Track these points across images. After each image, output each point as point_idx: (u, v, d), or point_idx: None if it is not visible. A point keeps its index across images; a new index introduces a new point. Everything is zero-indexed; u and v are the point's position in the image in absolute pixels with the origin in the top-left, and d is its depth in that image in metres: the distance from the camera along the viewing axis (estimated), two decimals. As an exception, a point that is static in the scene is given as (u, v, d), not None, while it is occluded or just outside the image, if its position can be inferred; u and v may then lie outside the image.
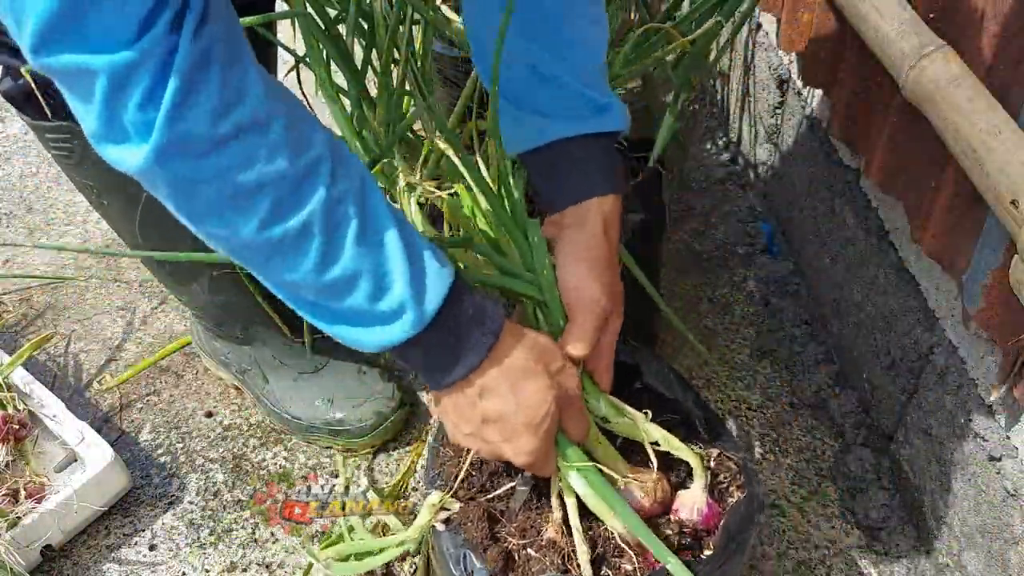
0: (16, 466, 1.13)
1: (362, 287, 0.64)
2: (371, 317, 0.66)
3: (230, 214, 0.59)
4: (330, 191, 0.61)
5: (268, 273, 0.64)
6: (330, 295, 0.64)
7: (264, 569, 1.11)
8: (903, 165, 1.00)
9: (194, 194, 0.58)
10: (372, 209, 0.64)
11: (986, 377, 0.91)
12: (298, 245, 0.61)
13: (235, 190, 0.58)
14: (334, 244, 0.62)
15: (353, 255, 0.63)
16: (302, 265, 0.62)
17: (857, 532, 1.11)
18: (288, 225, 0.60)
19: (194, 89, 0.54)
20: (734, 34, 1.49)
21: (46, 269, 1.51)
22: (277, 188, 0.59)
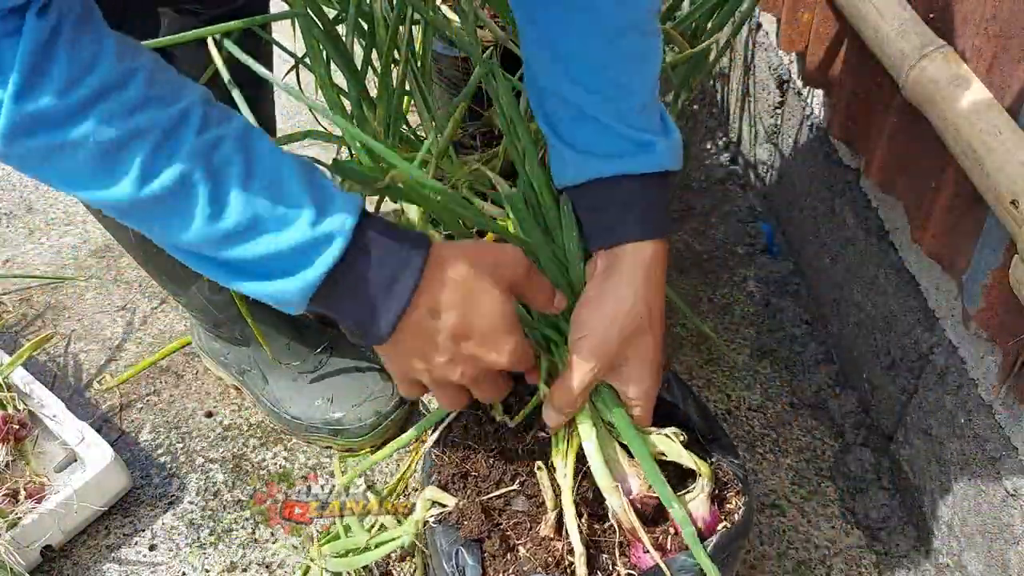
0: (16, 466, 1.13)
1: (265, 226, 0.61)
2: (286, 259, 0.62)
3: (102, 176, 0.58)
4: (202, 135, 0.59)
5: (166, 236, 0.61)
6: (234, 245, 0.61)
7: (264, 569, 1.11)
8: (903, 165, 1.00)
9: (56, 162, 0.57)
10: (258, 150, 0.62)
11: (986, 377, 0.91)
12: (183, 197, 0.59)
13: (98, 152, 0.57)
14: (220, 188, 0.60)
15: (245, 197, 0.60)
16: (193, 218, 0.59)
17: (857, 532, 1.11)
18: (164, 177, 0.58)
19: (40, 71, 0.54)
20: (734, 34, 1.49)
21: (46, 269, 1.51)
22: (144, 142, 0.57)
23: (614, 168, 0.75)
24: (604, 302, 0.76)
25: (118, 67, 0.57)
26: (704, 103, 1.74)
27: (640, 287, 0.75)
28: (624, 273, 0.76)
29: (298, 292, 0.63)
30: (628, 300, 0.75)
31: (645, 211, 0.76)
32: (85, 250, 1.54)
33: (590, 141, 0.76)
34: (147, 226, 0.62)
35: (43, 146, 0.56)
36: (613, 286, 0.76)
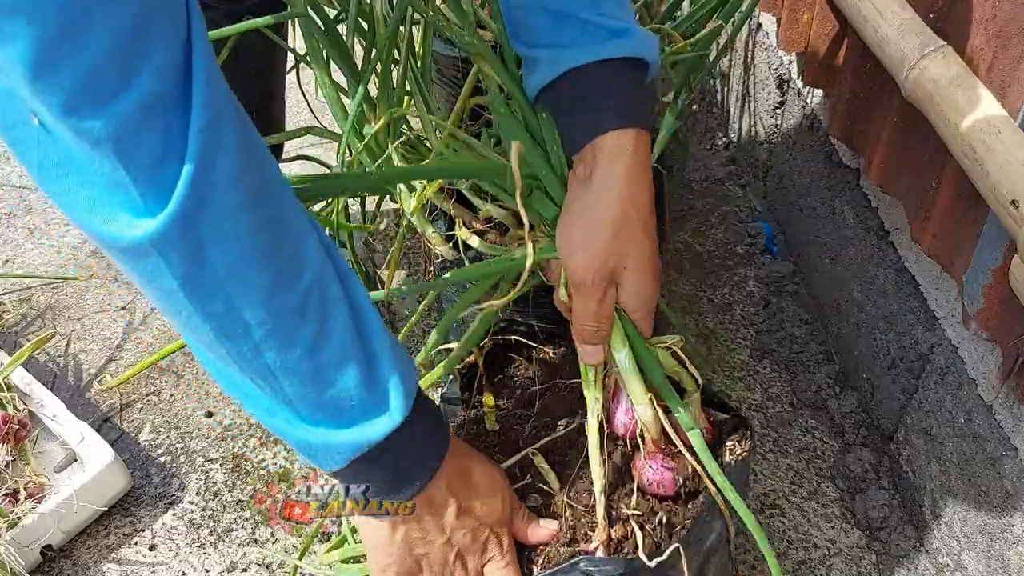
0: (16, 466, 1.13)
1: (352, 369, 0.62)
2: (352, 409, 0.64)
3: (234, 284, 0.56)
4: (323, 264, 0.60)
5: (257, 360, 0.60)
6: (318, 380, 0.62)
7: (264, 569, 1.11)
8: (903, 165, 1.00)
9: (203, 266, 0.55)
10: (355, 290, 0.63)
11: (986, 377, 0.91)
12: (296, 320, 0.59)
13: (246, 256, 0.56)
14: (328, 319, 0.60)
15: (346, 335, 0.61)
16: (298, 342, 0.60)
17: (857, 532, 1.11)
18: (289, 297, 0.58)
19: (217, 144, 0.52)
20: (734, 34, 1.49)
21: (46, 269, 1.51)
22: (280, 254, 0.57)
23: (589, 55, 0.72)
24: (590, 210, 0.72)
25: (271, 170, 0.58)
26: (704, 103, 1.74)
27: (624, 184, 0.71)
28: (606, 172, 0.71)
29: (351, 446, 0.65)
30: (614, 203, 0.71)
31: (623, 98, 0.72)
32: (85, 250, 1.54)
33: (565, 36, 0.73)
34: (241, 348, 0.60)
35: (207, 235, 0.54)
36: (596, 189, 0.71)
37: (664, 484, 0.78)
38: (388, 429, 0.64)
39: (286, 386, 0.61)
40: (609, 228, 0.71)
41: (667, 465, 0.78)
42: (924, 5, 0.90)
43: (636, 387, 0.77)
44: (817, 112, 1.28)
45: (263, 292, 0.57)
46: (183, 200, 0.51)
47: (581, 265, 0.72)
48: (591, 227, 0.72)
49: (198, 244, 0.53)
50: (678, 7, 1.16)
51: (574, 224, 0.73)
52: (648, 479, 0.78)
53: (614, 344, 0.78)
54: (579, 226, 0.72)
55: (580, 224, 0.72)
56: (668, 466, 0.78)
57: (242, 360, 0.60)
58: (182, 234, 0.53)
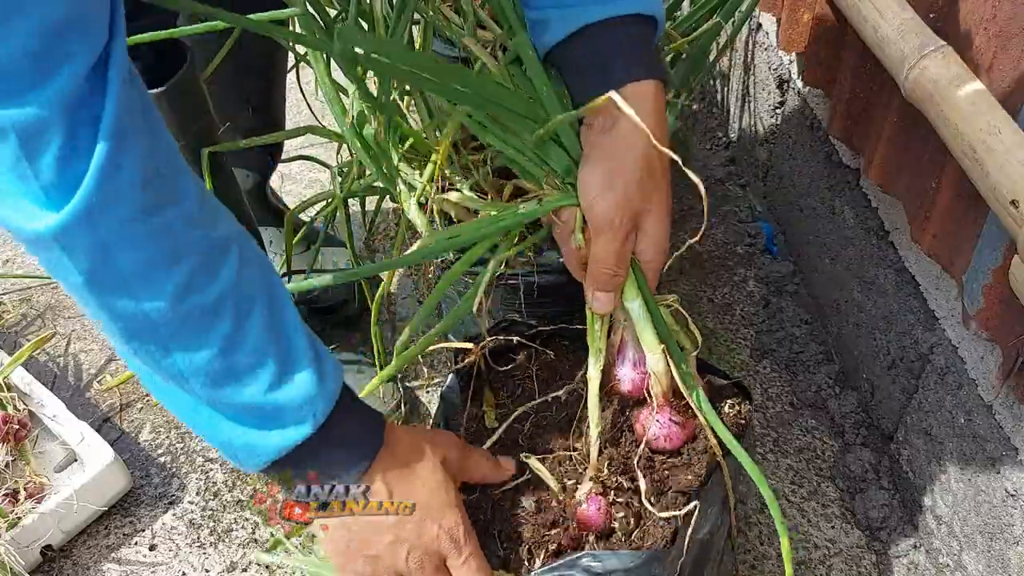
0: (16, 466, 1.13)
1: (266, 372, 0.61)
2: (273, 412, 0.63)
3: (140, 285, 0.56)
4: (241, 270, 0.59)
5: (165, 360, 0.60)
6: (230, 383, 0.61)
7: (264, 569, 1.11)
8: (903, 165, 1.00)
9: (108, 261, 0.54)
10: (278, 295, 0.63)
11: (986, 377, 0.91)
12: (207, 322, 0.59)
13: (151, 258, 0.55)
14: (243, 323, 0.60)
15: (261, 337, 0.61)
16: (207, 344, 0.59)
17: (857, 532, 1.11)
18: (199, 298, 0.58)
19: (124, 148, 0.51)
20: (734, 34, 1.49)
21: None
22: (191, 259, 0.57)
23: (602, 12, 0.72)
24: (618, 155, 0.72)
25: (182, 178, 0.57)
26: (704, 103, 1.74)
27: (650, 126, 0.71)
28: (625, 120, 0.70)
29: (272, 448, 0.64)
30: (641, 148, 0.71)
31: (639, 51, 0.73)
32: (85, 250, 1.54)
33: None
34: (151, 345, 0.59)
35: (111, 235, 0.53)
36: (622, 135, 0.71)
37: (671, 438, 0.77)
38: (307, 432, 0.64)
39: (196, 387, 0.61)
40: (637, 171, 0.71)
41: (675, 419, 0.77)
42: (924, 5, 0.90)
43: (649, 336, 0.76)
44: (817, 112, 1.28)
45: (171, 294, 0.57)
46: (87, 199, 0.51)
47: (609, 205, 0.72)
48: (619, 170, 0.72)
49: (102, 243, 0.53)
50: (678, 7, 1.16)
51: (598, 168, 0.73)
52: (655, 433, 0.77)
53: (627, 295, 0.76)
54: (605, 170, 0.72)
55: (606, 168, 0.72)
56: (676, 420, 0.77)
57: (151, 360, 0.60)
58: (85, 232, 0.52)
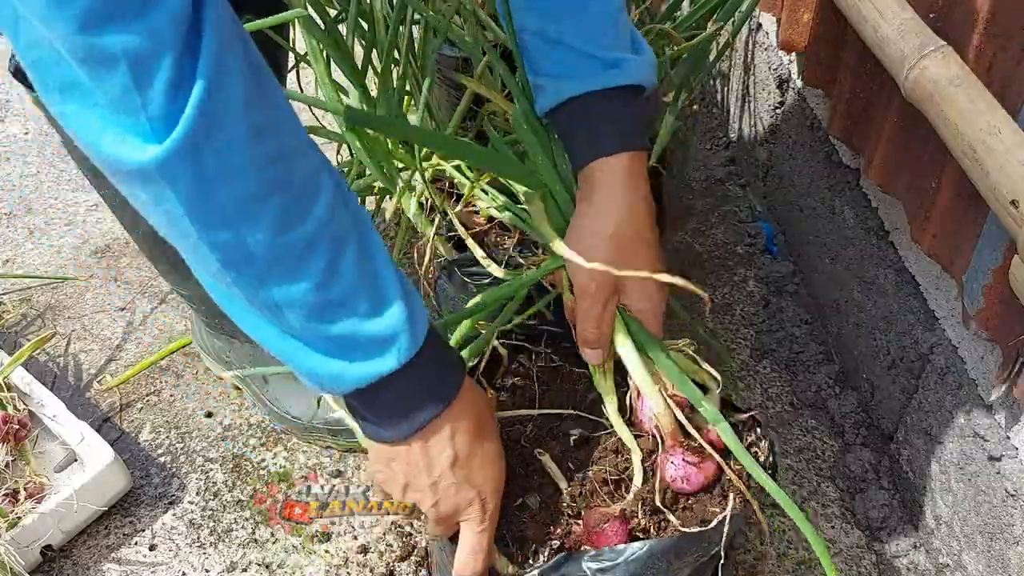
0: (16, 466, 1.13)
1: (360, 306, 0.63)
2: (360, 344, 0.64)
3: (241, 216, 0.57)
4: (335, 203, 0.60)
5: (262, 291, 0.61)
6: (325, 315, 0.62)
7: (264, 569, 1.11)
8: (903, 165, 1.00)
9: (210, 195, 0.55)
10: (369, 230, 0.64)
11: (986, 377, 0.91)
12: (304, 256, 0.60)
13: (253, 190, 0.56)
14: (338, 257, 0.61)
15: (355, 271, 0.62)
16: (304, 278, 0.60)
17: (857, 532, 1.11)
18: (296, 232, 0.59)
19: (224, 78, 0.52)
20: (734, 34, 1.49)
21: (46, 269, 1.51)
22: (289, 190, 0.58)
23: (584, 86, 0.78)
24: (591, 222, 0.78)
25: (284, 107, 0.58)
26: (704, 103, 1.74)
27: (623, 199, 0.78)
28: (605, 188, 0.78)
29: (355, 378, 0.65)
30: (614, 214, 0.77)
31: (617, 125, 0.79)
32: (85, 250, 1.54)
33: (563, 67, 0.79)
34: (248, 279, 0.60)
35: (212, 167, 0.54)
36: (597, 203, 0.78)
37: (688, 480, 0.77)
38: (393, 366, 0.65)
39: (291, 319, 0.62)
40: (609, 244, 0.78)
41: (689, 460, 0.77)
42: (924, 5, 0.90)
43: (643, 379, 0.79)
44: (817, 112, 1.28)
45: (270, 226, 0.57)
46: (191, 125, 0.51)
47: (586, 275, 0.78)
48: (594, 243, 0.78)
49: (205, 173, 0.54)
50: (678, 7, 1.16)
51: (580, 239, 0.79)
52: (672, 475, 0.77)
53: (617, 341, 0.80)
54: (583, 241, 0.79)
55: (584, 239, 0.79)
56: (691, 461, 0.77)
57: (248, 290, 0.61)
58: (190, 161, 0.53)
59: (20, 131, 1.78)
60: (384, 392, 0.67)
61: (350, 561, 1.11)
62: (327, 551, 1.12)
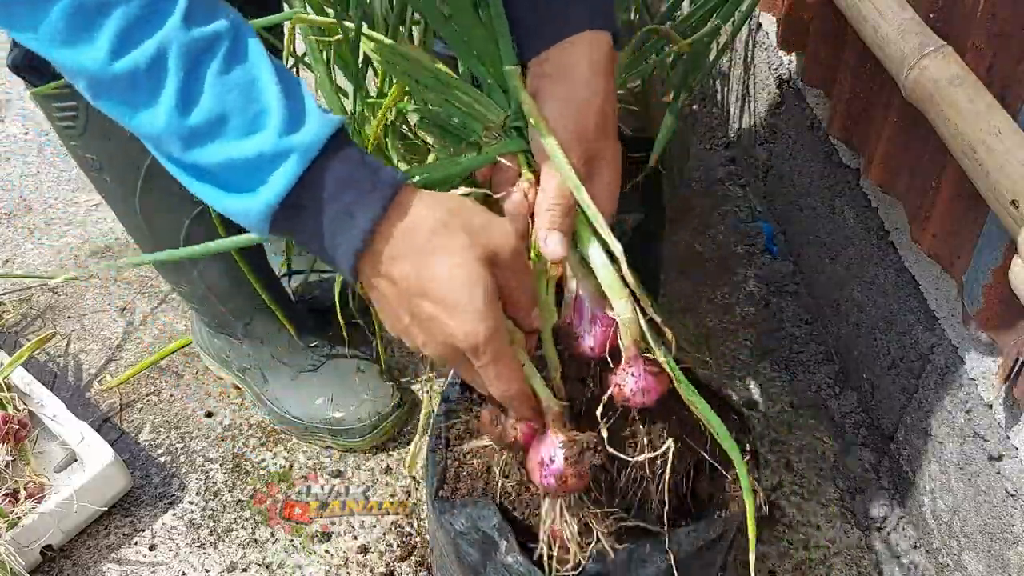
0: (16, 466, 1.13)
1: (230, 129, 0.57)
2: (246, 170, 0.58)
3: (74, 35, 0.55)
4: (187, 19, 0.56)
5: (134, 123, 0.58)
6: (198, 145, 0.57)
7: (264, 569, 1.11)
8: (903, 165, 1.00)
9: (40, 10, 0.54)
10: (242, 49, 0.58)
11: (986, 377, 0.91)
12: (154, 81, 0.56)
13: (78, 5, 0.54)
14: (193, 80, 0.57)
15: (216, 94, 0.57)
16: (160, 105, 0.56)
17: (857, 532, 1.11)
18: (138, 54, 0.55)
19: None
20: (734, 34, 1.49)
21: (46, 269, 1.51)
22: (125, 8, 0.55)
23: None
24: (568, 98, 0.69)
25: None
26: (704, 103, 1.74)
27: (605, 83, 0.69)
28: (584, 66, 0.69)
29: (258, 213, 0.59)
30: (596, 100, 0.70)
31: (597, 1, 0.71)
32: (85, 250, 1.54)
33: None
34: (118, 110, 0.58)
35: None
36: (574, 81, 0.69)
37: (648, 391, 0.71)
38: (287, 185, 0.58)
39: (174, 151, 0.58)
40: (592, 120, 0.70)
41: (651, 370, 0.71)
42: (924, 5, 0.90)
43: (614, 281, 0.70)
44: (817, 112, 1.28)
45: (107, 46, 0.55)
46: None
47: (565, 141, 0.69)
48: (573, 113, 0.69)
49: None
50: (678, 7, 1.16)
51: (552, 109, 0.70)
52: (631, 388, 0.71)
53: (582, 240, 0.72)
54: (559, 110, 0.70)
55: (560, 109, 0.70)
56: (651, 371, 0.71)
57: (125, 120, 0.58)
58: None
59: (20, 131, 1.78)
60: (302, 218, 0.60)
61: (350, 561, 1.11)
62: (327, 551, 1.12)
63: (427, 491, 0.84)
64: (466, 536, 0.78)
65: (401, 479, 1.19)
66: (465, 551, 0.79)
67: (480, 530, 0.77)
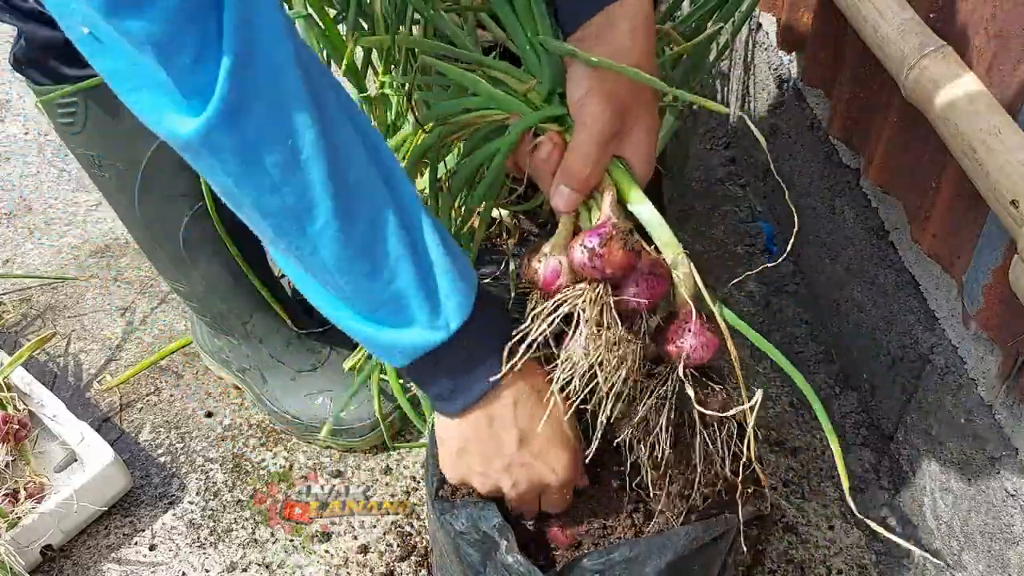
0: (16, 466, 1.13)
1: (405, 273, 0.64)
2: (414, 312, 0.65)
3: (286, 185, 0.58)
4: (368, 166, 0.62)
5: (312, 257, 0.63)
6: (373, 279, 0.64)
7: (264, 569, 1.11)
8: (903, 165, 1.00)
9: (254, 160, 0.57)
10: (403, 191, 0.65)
11: (986, 377, 0.91)
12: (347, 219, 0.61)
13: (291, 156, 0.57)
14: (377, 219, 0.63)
15: (395, 236, 0.63)
16: (350, 242, 0.62)
17: (857, 532, 1.11)
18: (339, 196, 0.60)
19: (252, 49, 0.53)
20: (734, 34, 1.49)
21: (46, 269, 1.51)
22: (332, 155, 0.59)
23: None
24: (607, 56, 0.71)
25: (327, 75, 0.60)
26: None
27: (641, 43, 0.71)
28: (624, 28, 0.71)
29: (407, 349, 0.66)
30: (632, 54, 0.71)
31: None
32: (85, 250, 1.54)
33: None
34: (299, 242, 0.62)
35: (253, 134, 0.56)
36: (612, 42, 0.71)
37: (708, 345, 0.73)
38: (445, 336, 0.66)
39: (343, 283, 0.64)
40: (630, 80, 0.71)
41: (709, 327, 0.73)
42: (924, 5, 0.90)
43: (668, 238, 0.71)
44: (817, 112, 1.28)
45: (316, 190, 0.59)
46: (224, 100, 0.53)
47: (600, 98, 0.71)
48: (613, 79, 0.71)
49: (246, 142, 0.56)
50: (678, 7, 1.16)
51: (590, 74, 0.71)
52: (691, 344, 0.72)
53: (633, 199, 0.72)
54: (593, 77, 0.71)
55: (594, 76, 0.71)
56: (710, 328, 0.73)
57: (301, 255, 0.63)
58: (229, 132, 0.55)
59: (20, 131, 1.78)
60: (442, 362, 0.68)
61: (350, 561, 1.11)
62: (327, 551, 1.12)
63: (427, 491, 0.84)
64: (466, 536, 0.78)
65: (401, 479, 1.19)
66: (465, 551, 0.79)
67: (480, 530, 0.77)
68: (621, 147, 0.73)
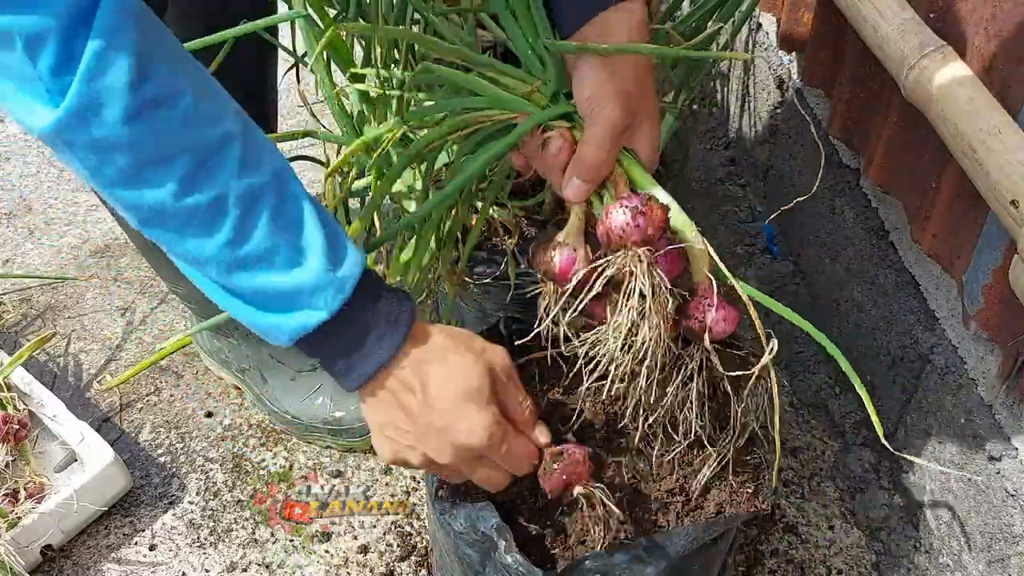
0: (16, 466, 1.13)
1: (277, 261, 0.64)
2: (286, 297, 0.65)
3: (138, 182, 0.60)
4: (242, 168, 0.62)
5: (178, 247, 0.64)
6: (242, 271, 0.64)
7: (264, 569, 1.11)
8: (903, 165, 1.00)
9: (105, 159, 0.59)
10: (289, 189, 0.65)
11: (986, 377, 0.91)
12: (211, 216, 0.62)
13: (144, 158, 0.59)
14: (248, 218, 0.63)
15: (268, 231, 0.64)
16: (214, 238, 0.63)
17: (857, 532, 1.11)
18: (200, 196, 0.61)
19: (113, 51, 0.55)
20: (734, 34, 1.49)
21: (46, 269, 1.51)
22: (187, 159, 0.60)
23: None
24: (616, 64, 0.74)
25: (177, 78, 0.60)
26: (704, 103, 1.74)
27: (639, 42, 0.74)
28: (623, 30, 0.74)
29: (291, 330, 0.66)
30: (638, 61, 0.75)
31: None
32: (85, 250, 1.54)
33: None
34: (163, 236, 0.64)
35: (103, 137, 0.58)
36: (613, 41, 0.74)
37: (729, 318, 0.74)
38: (322, 317, 0.66)
39: (213, 273, 0.65)
40: (632, 76, 0.75)
41: (728, 299, 0.74)
42: (924, 5, 0.90)
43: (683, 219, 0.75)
44: (817, 112, 1.28)
45: (170, 191, 0.60)
46: (77, 99, 0.56)
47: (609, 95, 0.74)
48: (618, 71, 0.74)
49: (96, 142, 0.58)
50: (678, 7, 1.16)
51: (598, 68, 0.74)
52: (712, 317, 0.74)
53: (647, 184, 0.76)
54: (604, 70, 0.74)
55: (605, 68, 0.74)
56: (729, 300, 0.75)
57: (167, 246, 0.65)
58: (80, 131, 0.57)
59: (20, 131, 1.78)
60: (327, 340, 0.68)
61: (350, 561, 1.11)
62: (327, 551, 1.12)
63: (427, 491, 0.84)
64: (465, 536, 0.78)
65: (401, 479, 1.19)
66: (464, 551, 0.79)
67: (479, 530, 0.77)
68: (631, 139, 0.77)
